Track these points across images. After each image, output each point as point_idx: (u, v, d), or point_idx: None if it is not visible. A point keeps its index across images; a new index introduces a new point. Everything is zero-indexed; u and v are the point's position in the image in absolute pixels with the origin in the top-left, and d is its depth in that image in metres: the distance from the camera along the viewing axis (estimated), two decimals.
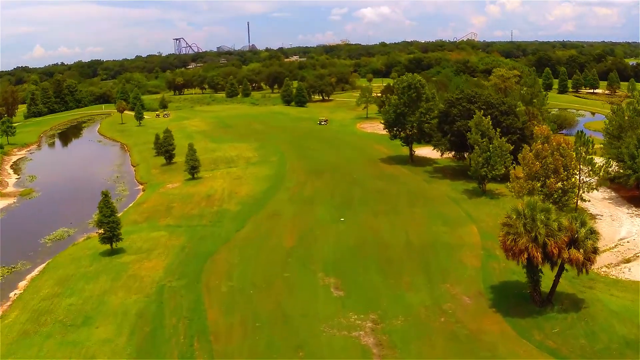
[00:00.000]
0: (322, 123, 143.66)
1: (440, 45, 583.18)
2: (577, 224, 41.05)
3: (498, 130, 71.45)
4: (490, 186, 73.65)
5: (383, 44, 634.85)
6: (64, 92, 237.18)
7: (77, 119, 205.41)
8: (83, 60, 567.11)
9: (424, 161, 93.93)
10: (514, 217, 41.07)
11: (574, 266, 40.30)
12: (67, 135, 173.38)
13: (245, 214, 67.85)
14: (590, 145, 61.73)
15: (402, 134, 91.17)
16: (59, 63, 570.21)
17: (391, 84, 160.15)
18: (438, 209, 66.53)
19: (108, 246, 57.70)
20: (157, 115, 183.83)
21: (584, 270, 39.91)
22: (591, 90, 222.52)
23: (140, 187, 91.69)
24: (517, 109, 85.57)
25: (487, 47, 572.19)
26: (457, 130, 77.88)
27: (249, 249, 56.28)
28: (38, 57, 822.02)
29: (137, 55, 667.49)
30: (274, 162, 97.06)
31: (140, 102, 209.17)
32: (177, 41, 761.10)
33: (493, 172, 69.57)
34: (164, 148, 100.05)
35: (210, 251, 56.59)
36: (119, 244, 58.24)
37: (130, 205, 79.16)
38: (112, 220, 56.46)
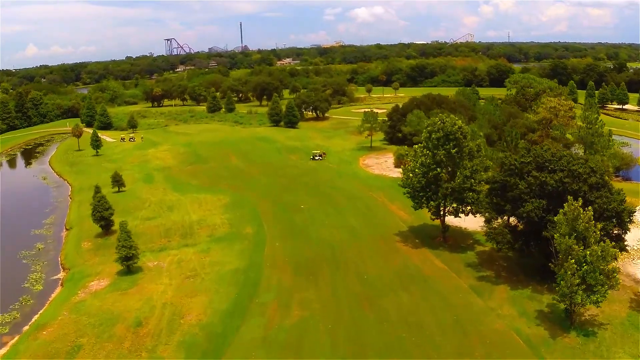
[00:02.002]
0: (317, 158, 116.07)
1: (439, 48, 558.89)
2: None
3: (599, 226, 44.24)
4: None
5: (379, 46, 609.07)
6: (26, 106, 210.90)
7: (35, 139, 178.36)
8: (74, 61, 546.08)
9: (461, 238, 66.56)
10: None
11: None
12: (13, 164, 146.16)
13: None
14: None
15: (433, 203, 63.29)
16: (42, 65, 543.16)
17: (400, 106, 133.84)
18: None
19: None
20: (122, 138, 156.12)
21: None
22: (619, 106, 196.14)
23: (61, 275, 64.61)
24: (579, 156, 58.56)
25: (488, 51, 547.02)
26: (527, 216, 50.51)
27: None
28: (31, 56, 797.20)
29: (127, 56, 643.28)
30: (248, 237, 69.38)
31: (107, 119, 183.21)
32: (169, 42, 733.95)
33: (594, 298, 42.83)
34: (99, 213, 72.60)
35: None
36: None
37: (27, 328, 51.70)
38: None
